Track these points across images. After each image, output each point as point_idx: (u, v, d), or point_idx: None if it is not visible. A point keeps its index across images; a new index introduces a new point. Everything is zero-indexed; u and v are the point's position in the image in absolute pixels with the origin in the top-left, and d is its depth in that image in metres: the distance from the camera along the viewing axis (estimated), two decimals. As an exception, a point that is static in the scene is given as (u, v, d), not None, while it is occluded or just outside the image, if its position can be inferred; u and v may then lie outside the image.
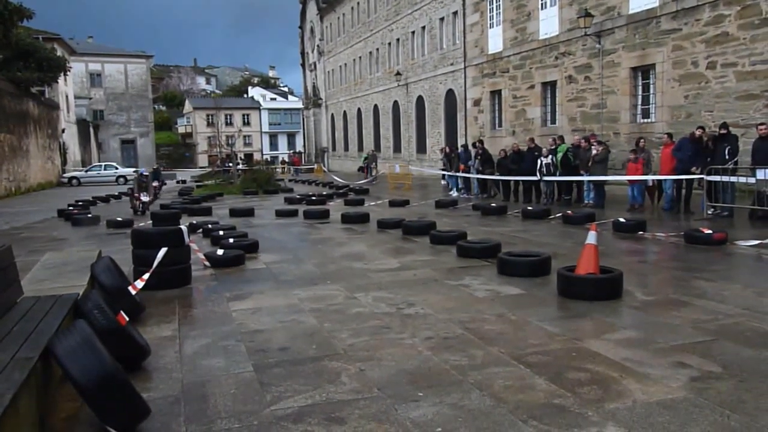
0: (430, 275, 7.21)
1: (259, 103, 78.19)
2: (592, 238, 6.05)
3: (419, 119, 32.82)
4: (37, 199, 25.65)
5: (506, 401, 3.55)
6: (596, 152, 14.15)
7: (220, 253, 8.27)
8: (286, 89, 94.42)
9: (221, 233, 10.40)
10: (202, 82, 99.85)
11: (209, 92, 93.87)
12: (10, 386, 2.82)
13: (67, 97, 44.30)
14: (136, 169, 43.30)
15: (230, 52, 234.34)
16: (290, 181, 32.24)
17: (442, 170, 22.02)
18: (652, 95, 17.59)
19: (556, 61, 20.89)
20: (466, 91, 27.12)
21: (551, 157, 15.39)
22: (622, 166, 15.70)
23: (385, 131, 37.86)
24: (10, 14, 24.74)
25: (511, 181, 16.92)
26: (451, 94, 29.08)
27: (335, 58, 46.81)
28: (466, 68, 26.88)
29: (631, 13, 17.65)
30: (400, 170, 25.81)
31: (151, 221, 12.80)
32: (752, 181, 11.02)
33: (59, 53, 36.84)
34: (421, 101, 32.39)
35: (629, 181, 13.55)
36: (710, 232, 8.80)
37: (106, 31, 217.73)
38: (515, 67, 23.24)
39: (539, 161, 15.52)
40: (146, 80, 62.11)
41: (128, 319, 4.36)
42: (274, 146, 76.89)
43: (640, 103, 18.07)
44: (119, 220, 13.46)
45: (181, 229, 7.14)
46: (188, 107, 76.92)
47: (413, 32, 32.51)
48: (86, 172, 39.56)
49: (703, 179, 11.63)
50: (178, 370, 4.26)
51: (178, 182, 34.35)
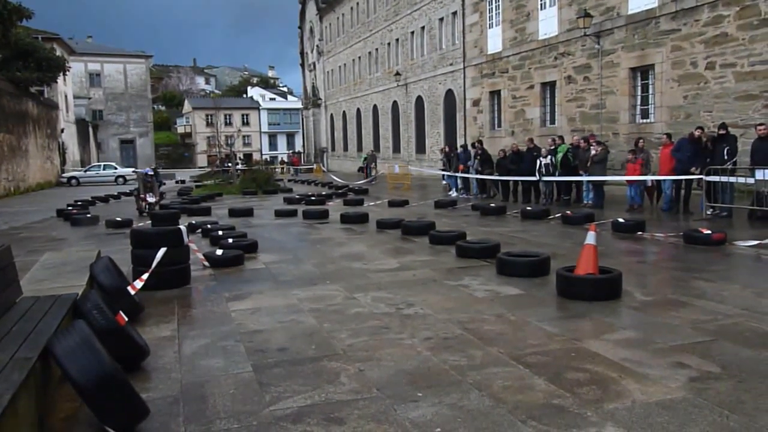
0: (429, 275, 7.20)
1: (258, 103, 78.23)
2: (591, 238, 6.05)
3: (418, 119, 32.81)
4: (36, 199, 25.63)
5: (505, 401, 3.55)
6: (595, 152, 14.16)
7: (219, 253, 8.26)
8: (285, 89, 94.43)
9: (220, 233, 10.40)
10: (201, 82, 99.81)
11: (208, 92, 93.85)
12: (9, 386, 2.81)
13: (66, 97, 44.29)
14: (136, 169, 43.45)
15: (230, 52, 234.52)
16: (289, 181, 32.24)
17: (442, 170, 22.02)
18: (651, 95, 17.60)
19: (555, 61, 20.89)
20: (465, 91, 27.12)
21: (550, 157, 15.40)
22: (621, 166, 15.72)
23: (384, 131, 37.86)
24: (9, 14, 24.75)
25: (510, 181, 16.92)
26: (450, 94, 29.09)
27: (334, 58, 46.81)
28: (465, 68, 26.88)
29: (630, 13, 17.66)
30: (399, 170, 25.83)
31: (150, 221, 12.82)
32: (751, 181, 11.03)
33: (58, 53, 36.84)
34: (420, 101, 32.39)
35: (628, 181, 13.56)
36: (709, 232, 8.81)
37: (105, 31, 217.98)
38: (514, 67, 23.24)
39: (538, 161, 15.53)
40: (145, 80, 62.14)
41: (127, 319, 4.36)
42: (273, 146, 76.93)
43: (639, 103, 18.07)
44: (118, 220, 13.47)
45: (180, 229, 7.14)
46: (187, 107, 76.92)
47: (412, 32, 32.51)
48: (85, 172, 39.58)
49: (702, 179, 11.65)
50: (177, 370, 4.26)
51: (177, 182, 34.34)
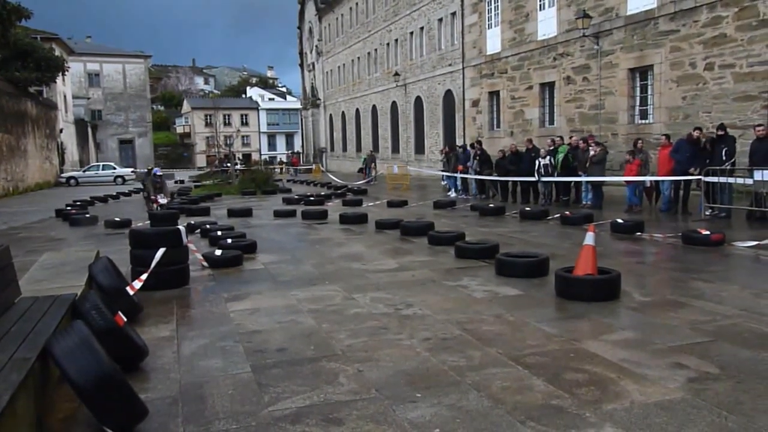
0: (428, 276, 7.20)
1: (257, 103, 78.24)
2: (590, 239, 6.05)
3: (417, 120, 32.82)
4: (34, 199, 25.62)
5: (504, 402, 3.55)
6: (594, 153, 14.17)
7: (218, 253, 8.26)
8: (284, 89, 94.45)
9: (219, 233, 10.40)
10: (200, 82, 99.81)
11: (207, 92, 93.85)
12: (7, 387, 2.81)
13: (65, 96, 44.26)
14: (135, 169, 43.40)
15: (229, 52, 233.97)
16: (288, 181, 32.23)
17: (442, 171, 22.02)
18: (650, 96, 17.61)
19: (554, 62, 20.91)
20: (464, 91, 27.13)
21: (549, 158, 15.41)
22: (620, 167, 15.72)
23: (383, 132, 37.85)
24: (8, 14, 24.74)
25: (509, 181, 16.94)
26: (449, 94, 29.09)
27: (334, 58, 46.81)
28: (464, 69, 26.88)
29: (629, 14, 17.67)
30: (398, 171, 25.84)
31: (149, 221, 12.82)
32: (750, 182, 11.04)
33: (57, 53, 36.84)
34: (419, 102, 32.40)
35: (626, 182, 13.57)
36: (708, 233, 8.81)
37: (105, 30, 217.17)
38: (513, 67, 23.25)
39: (537, 162, 15.54)
40: (144, 80, 62.12)
41: (126, 319, 4.36)
42: (272, 146, 76.95)
43: (638, 104, 18.09)
44: (117, 220, 13.46)
45: (179, 229, 7.14)
46: (186, 107, 76.90)
47: (412, 33, 32.52)
48: (84, 172, 39.58)
49: (700, 180, 11.66)
50: (175, 370, 4.25)
51: (176, 182, 34.32)
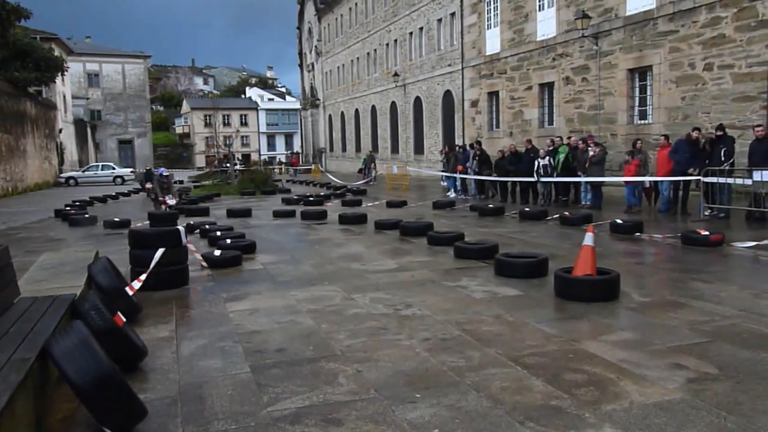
0: (427, 276, 7.20)
1: (256, 103, 78.24)
2: (589, 239, 6.05)
3: (417, 120, 32.82)
4: (34, 199, 25.60)
5: (503, 402, 3.55)
6: (593, 153, 14.17)
7: (217, 253, 8.26)
8: (283, 90, 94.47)
9: (219, 234, 10.40)
10: (199, 82, 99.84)
11: (207, 92, 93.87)
12: (6, 387, 2.81)
13: (64, 97, 44.24)
14: (134, 169, 43.34)
15: (228, 52, 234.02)
16: (288, 181, 32.22)
17: (442, 172, 22.01)
18: (649, 97, 17.62)
19: (553, 62, 20.92)
20: (463, 92, 27.13)
21: (548, 158, 15.41)
22: (619, 167, 15.73)
23: (382, 132, 37.85)
24: (7, 14, 24.75)
25: (508, 182, 16.94)
26: (448, 95, 29.10)
27: (333, 58, 46.81)
28: (463, 69, 26.89)
29: (628, 14, 17.68)
30: (397, 171, 25.84)
31: (148, 222, 12.81)
32: (749, 182, 11.04)
33: (57, 53, 36.84)
34: (418, 102, 32.40)
35: (626, 182, 13.58)
36: (707, 233, 8.81)
37: (104, 31, 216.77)
38: (513, 68, 23.26)
39: (536, 162, 15.54)
40: (144, 80, 62.09)
41: (125, 319, 4.36)
42: (271, 147, 76.94)
43: (637, 104, 18.10)
44: (116, 220, 13.45)
45: (178, 229, 7.14)
46: (186, 107, 76.90)
47: (411, 33, 32.53)
48: (83, 172, 39.58)
49: (700, 181, 11.66)
50: (175, 371, 4.25)
51: (175, 182, 34.20)
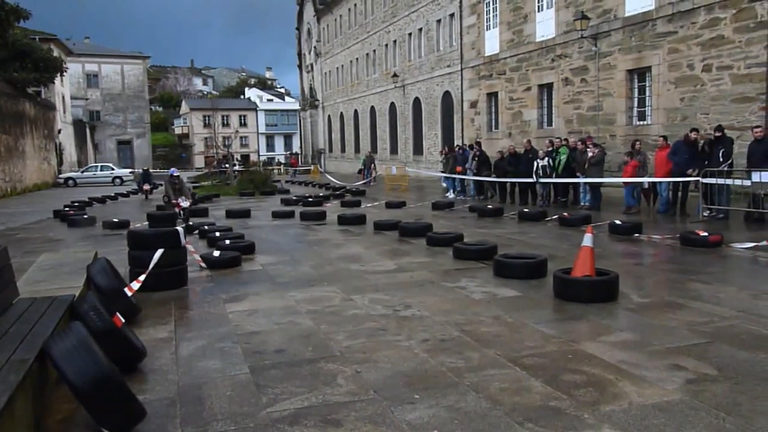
0: (426, 277, 7.20)
1: (255, 104, 78.23)
2: (588, 240, 6.06)
3: (416, 121, 32.83)
4: (33, 199, 25.58)
5: (502, 403, 3.56)
6: (592, 154, 14.18)
7: (216, 254, 8.26)
8: (282, 90, 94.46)
9: (218, 234, 10.40)
10: (198, 83, 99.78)
11: (206, 93, 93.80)
12: (5, 388, 2.81)
13: (63, 97, 44.20)
14: (133, 170, 43.30)
15: (228, 53, 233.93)
16: (287, 182, 32.21)
17: (441, 173, 22.01)
18: (647, 98, 17.63)
19: (552, 63, 20.93)
20: (462, 93, 27.14)
21: (547, 159, 15.42)
22: (618, 168, 15.74)
23: (381, 133, 37.85)
24: (6, 15, 24.74)
25: (507, 183, 16.94)
26: (447, 95, 29.11)
27: (332, 59, 46.82)
28: (462, 70, 26.90)
29: (627, 15, 17.70)
30: (396, 172, 25.84)
31: (147, 222, 12.82)
32: (747, 183, 11.05)
33: (56, 54, 36.82)
34: (417, 103, 32.41)
35: (624, 183, 13.59)
36: (706, 234, 8.82)
37: (103, 31, 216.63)
38: (512, 69, 23.27)
39: (536, 163, 15.54)
40: (143, 81, 62.04)
41: (124, 320, 4.36)
42: (270, 147, 76.92)
43: (636, 105, 18.12)
44: (115, 221, 13.45)
45: (177, 230, 7.14)
46: (185, 108, 76.84)
47: (410, 34, 32.54)
48: (82, 172, 39.54)
49: (698, 182, 11.67)
50: (174, 372, 4.25)
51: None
